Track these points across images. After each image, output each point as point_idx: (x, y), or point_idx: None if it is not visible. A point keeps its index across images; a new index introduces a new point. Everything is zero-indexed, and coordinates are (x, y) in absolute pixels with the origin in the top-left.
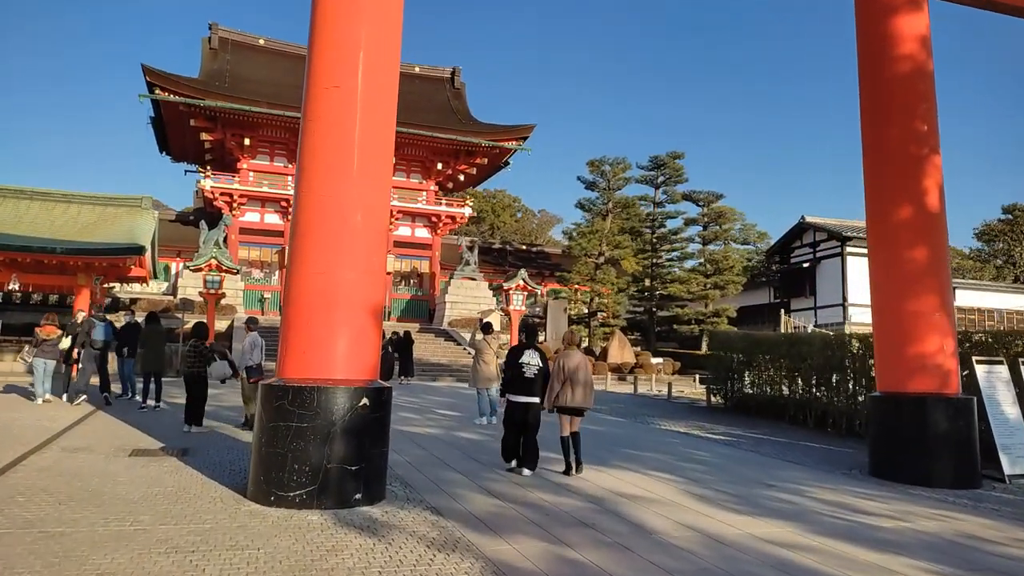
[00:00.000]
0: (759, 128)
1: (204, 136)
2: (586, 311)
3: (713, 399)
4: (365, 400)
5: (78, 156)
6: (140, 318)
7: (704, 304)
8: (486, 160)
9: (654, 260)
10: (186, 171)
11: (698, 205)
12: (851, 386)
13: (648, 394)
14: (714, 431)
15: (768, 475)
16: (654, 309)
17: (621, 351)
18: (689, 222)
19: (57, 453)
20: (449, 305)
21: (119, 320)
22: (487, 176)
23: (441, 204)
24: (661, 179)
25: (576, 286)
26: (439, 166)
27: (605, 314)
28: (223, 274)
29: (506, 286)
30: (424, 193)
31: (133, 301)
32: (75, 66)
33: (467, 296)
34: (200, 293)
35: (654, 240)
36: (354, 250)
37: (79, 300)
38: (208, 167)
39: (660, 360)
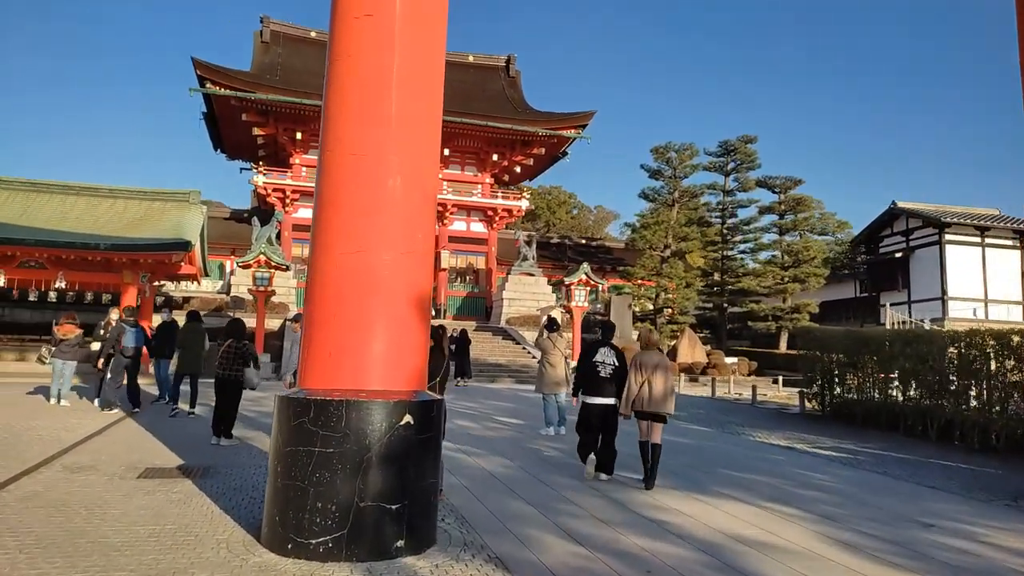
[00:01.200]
0: (829, 111)
1: (256, 131)
2: (651, 308)
3: (807, 405)
4: (408, 418)
5: (138, 156)
6: (182, 318)
7: (782, 299)
8: (543, 150)
9: (724, 252)
10: (241, 169)
11: (773, 192)
12: (986, 393)
13: (727, 398)
14: (820, 445)
15: (916, 508)
16: (725, 305)
17: (692, 350)
18: (763, 211)
19: (55, 473)
20: (507, 302)
21: (157, 320)
22: (544, 167)
23: (497, 197)
24: (731, 165)
25: (640, 281)
26: (494, 157)
27: (671, 311)
28: (273, 270)
29: (567, 281)
30: (479, 186)
31: (187, 300)
32: (135, 66)
33: (525, 292)
34: (249, 290)
35: (724, 231)
36: (393, 221)
37: (125, 298)
38: (261, 163)
39: (734, 360)
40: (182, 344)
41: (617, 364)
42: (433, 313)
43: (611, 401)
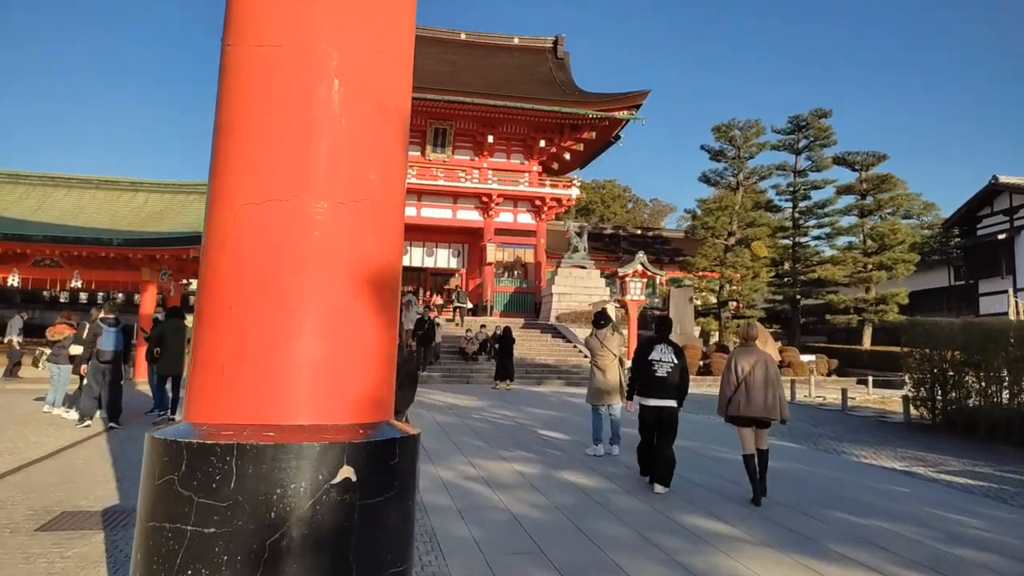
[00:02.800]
0: (903, 84)
1: None
2: (714, 301)
3: (913, 412)
4: (348, 471)
5: (169, 151)
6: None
7: (864, 289)
8: (594, 134)
9: (796, 239)
10: None
11: (854, 169)
12: None
13: (808, 402)
14: (946, 468)
15: None
16: (797, 297)
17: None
18: (842, 191)
19: None
20: (556, 297)
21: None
22: (596, 154)
23: (545, 185)
24: (803, 143)
25: (702, 272)
26: (542, 143)
27: (737, 304)
28: None
29: (621, 272)
30: (526, 175)
31: None
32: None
33: (577, 286)
34: None
35: (796, 215)
36: (327, 152)
37: (145, 297)
38: None
39: (811, 357)
40: (161, 342)
41: (676, 362)
42: (461, 304)
43: (668, 403)
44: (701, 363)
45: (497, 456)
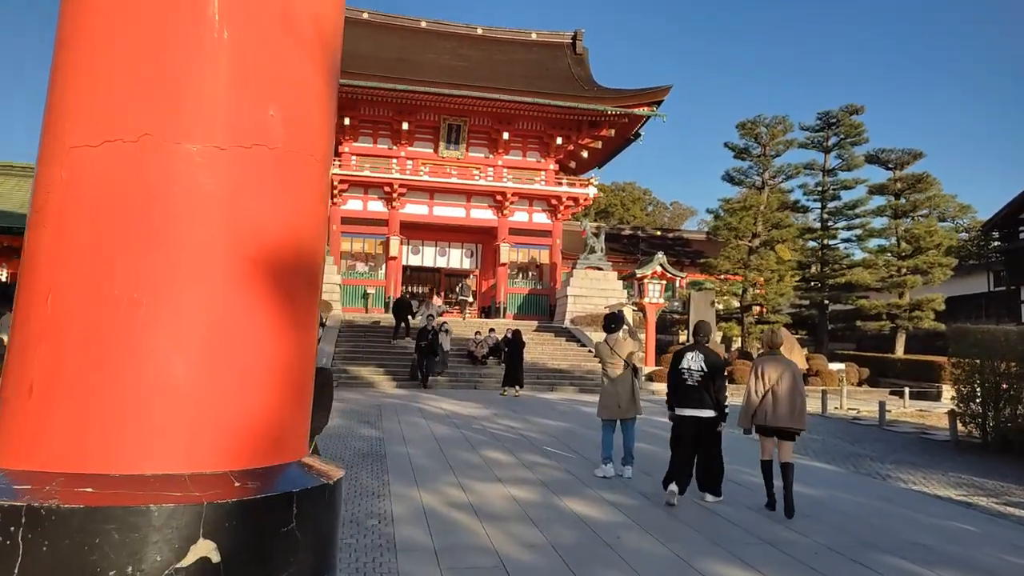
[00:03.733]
0: (934, 83)
1: None
2: (737, 305)
3: (961, 428)
4: (208, 547)
5: None
6: None
7: (898, 294)
8: (613, 132)
9: (824, 241)
10: None
11: (887, 168)
12: None
13: (840, 415)
14: (1010, 497)
15: None
16: (825, 301)
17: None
18: (874, 191)
19: None
20: (571, 299)
21: None
22: (615, 152)
23: (562, 184)
24: (833, 141)
25: (724, 275)
26: (559, 141)
27: (761, 308)
28: None
29: (640, 273)
30: (542, 173)
31: None
32: None
33: (593, 289)
34: None
35: (824, 216)
36: (199, 75)
37: None
38: None
39: (840, 366)
40: None
41: (705, 369)
42: (464, 298)
43: (704, 413)
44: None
45: (492, 477)
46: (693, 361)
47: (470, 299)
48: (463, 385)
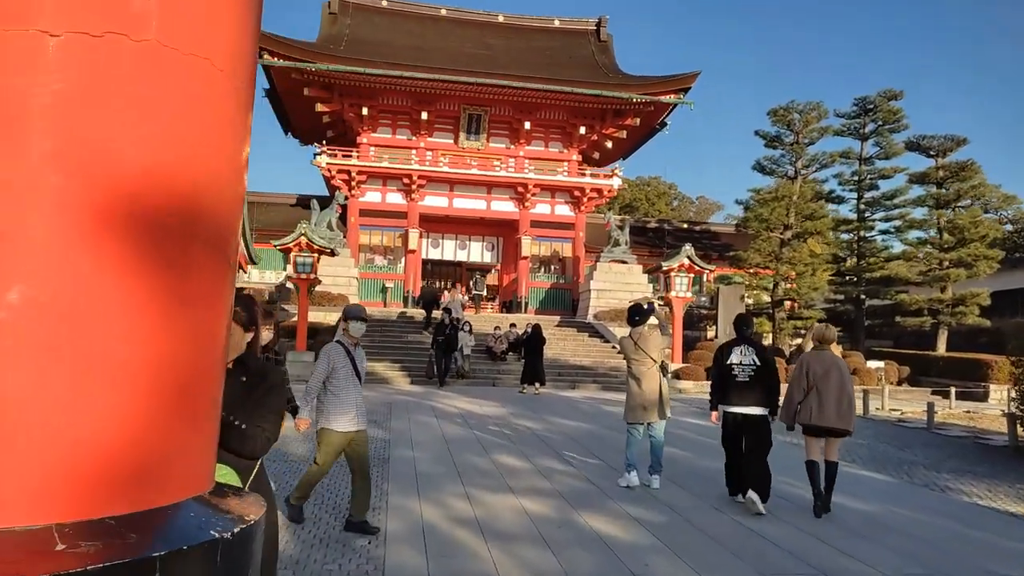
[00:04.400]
0: (983, 65)
1: (320, 107)
2: (768, 300)
3: (1021, 432)
4: None
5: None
6: None
7: (939, 288)
8: (638, 120)
9: (861, 233)
10: (315, 154)
11: (929, 156)
12: None
13: (883, 416)
14: None
15: None
16: (862, 296)
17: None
18: (915, 179)
19: None
20: (595, 294)
21: None
22: (640, 143)
23: (585, 175)
24: (870, 127)
25: (754, 269)
26: (582, 130)
27: (793, 303)
28: (316, 255)
29: (666, 266)
30: (565, 164)
31: (238, 291)
32: None
33: (616, 283)
34: (289, 279)
35: (861, 207)
36: None
37: None
38: (327, 145)
39: (879, 363)
40: None
41: (758, 363)
42: (478, 292)
43: (755, 410)
44: None
45: (504, 486)
46: (745, 355)
47: (484, 293)
48: (481, 382)
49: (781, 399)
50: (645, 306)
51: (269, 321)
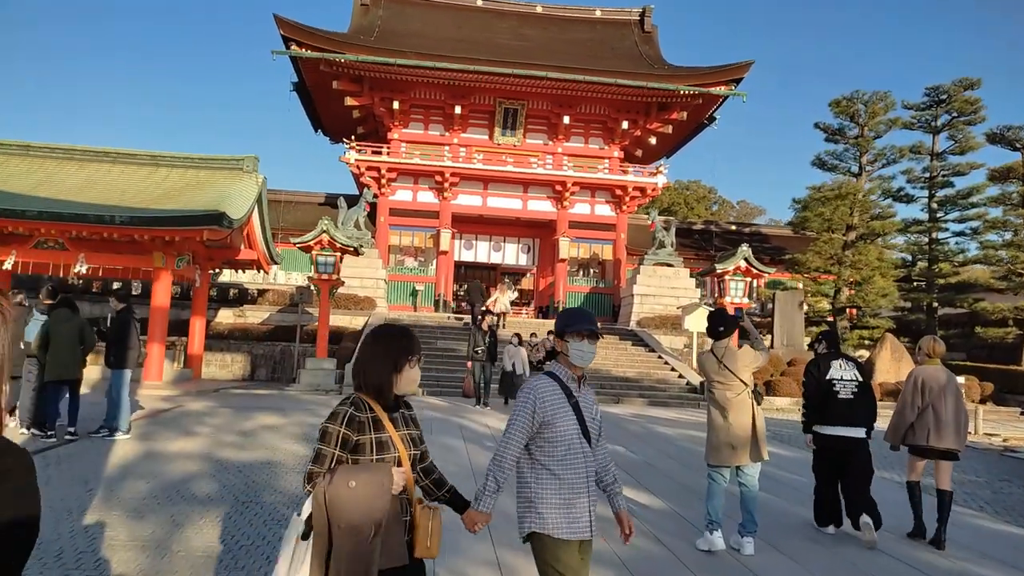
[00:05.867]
0: None
1: (350, 101)
2: (828, 307)
3: None
4: None
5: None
6: (258, 313)
7: None
8: (684, 114)
9: (932, 234)
10: (345, 150)
11: (1015, 149)
12: None
13: (982, 443)
14: None
15: None
16: (934, 304)
17: (896, 365)
18: (998, 175)
19: None
20: (638, 299)
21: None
22: (686, 139)
23: (628, 173)
24: (943, 119)
25: (813, 274)
26: (624, 125)
27: (856, 310)
28: (338, 254)
29: (720, 269)
30: (606, 161)
31: (261, 293)
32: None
33: (662, 287)
34: (309, 279)
35: (933, 206)
36: None
37: (157, 288)
38: (357, 141)
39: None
40: (46, 340)
41: (860, 379)
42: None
43: (857, 432)
44: None
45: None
46: (845, 371)
47: (513, 298)
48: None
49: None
50: (731, 313)
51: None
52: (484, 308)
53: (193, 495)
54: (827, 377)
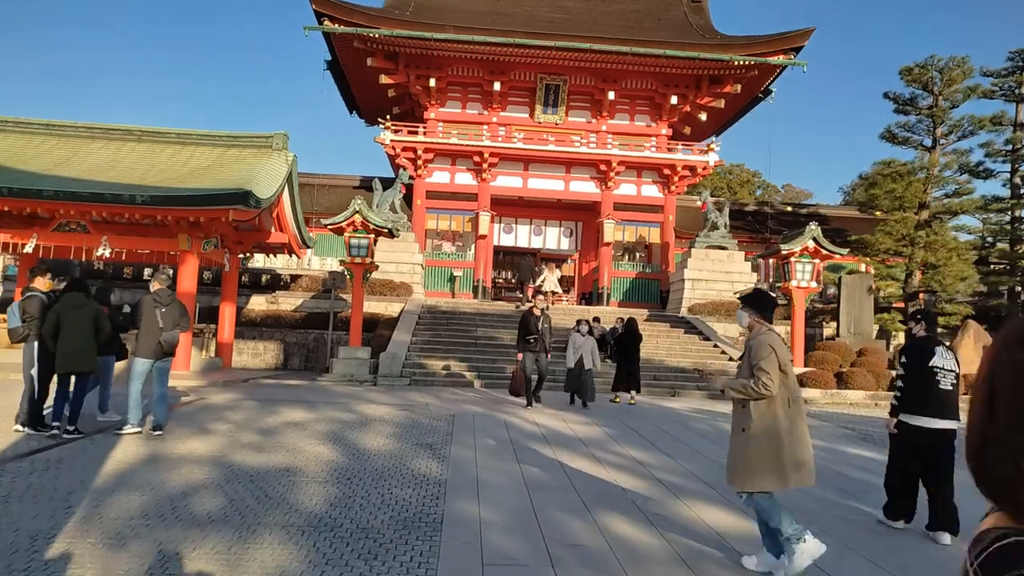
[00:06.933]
0: None
1: (385, 79)
2: (900, 292)
3: None
4: None
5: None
6: (291, 300)
7: None
8: (738, 87)
9: (1015, 212)
10: (381, 130)
11: None
12: None
13: None
14: None
15: None
16: (1016, 288)
17: (975, 352)
18: None
19: None
20: (689, 284)
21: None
22: (738, 115)
23: (677, 151)
24: None
25: (883, 257)
26: (673, 100)
27: (927, 295)
28: (372, 236)
29: (785, 249)
30: (653, 139)
31: (294, 279)
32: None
33: (715, 271)
34: (341, 263)
35: (1016, 181)
36: None
37: (183, 271)
38: (392, 122)
39: None
40: (56, 328)
41: (958, 371)
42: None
43: (952, 425)
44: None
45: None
46: (946, 359)
47: (551, 289)
48: (560, 386)
49: None
50: (761, 290)
51: None
52: (536, 286)
53: (192, 514)
54: (929, 364)
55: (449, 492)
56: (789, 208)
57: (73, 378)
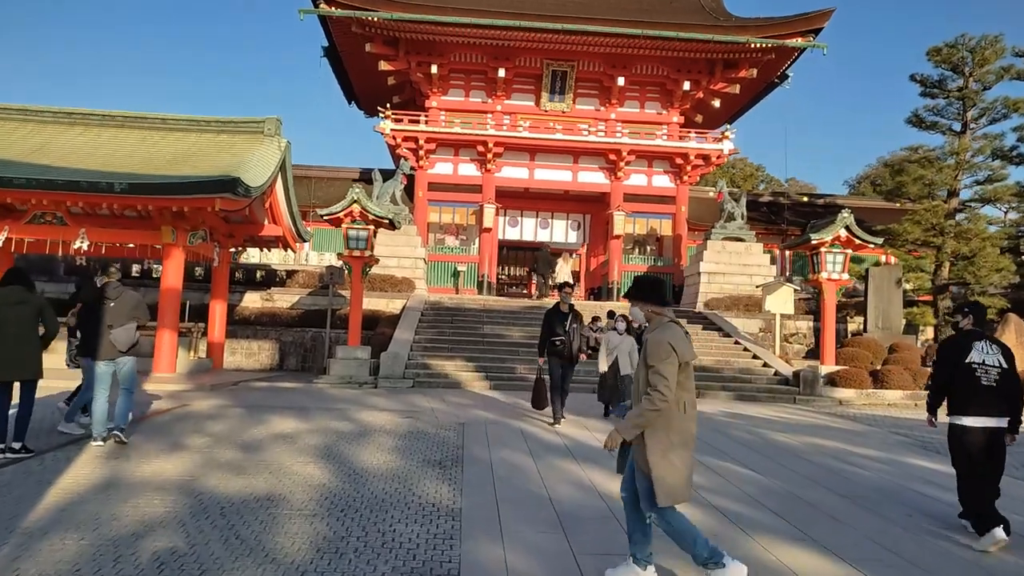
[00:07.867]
0: None
1: (384, 66)
2: (929, 284)
3: None
4: None
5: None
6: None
7: None
8: (754, 72)
9: None
10: (380, 119)
11: None
12: None
13: None
14: None
15: None
16: None
17: (1021, 351)
18: None
19: None
20: (705, 278)
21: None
22: (753, 101)
23: (689, 139)
24: None
25: (910, 247)
26: (685, 86)
27: (955, 288)
28: (371, 227)
29: (816, 239)
30: (664, 127)
31: (290, 275)
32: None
33: (732, 264)
34: (339, 256)
35: None
36: None
37: (168, 266)
38: (392, 111)
39: None
40: None
41: (1005, 366)
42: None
43: (1001, 422)
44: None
45: None
46: (988, 354)
47: (551, 283)
48: (580, 387)
49: None
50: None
51: None
52: (559, 282)
53: (137, 565)
54: (966, 361)
55: (465, 527)
56: (805, 198)
57: (17, 386)
